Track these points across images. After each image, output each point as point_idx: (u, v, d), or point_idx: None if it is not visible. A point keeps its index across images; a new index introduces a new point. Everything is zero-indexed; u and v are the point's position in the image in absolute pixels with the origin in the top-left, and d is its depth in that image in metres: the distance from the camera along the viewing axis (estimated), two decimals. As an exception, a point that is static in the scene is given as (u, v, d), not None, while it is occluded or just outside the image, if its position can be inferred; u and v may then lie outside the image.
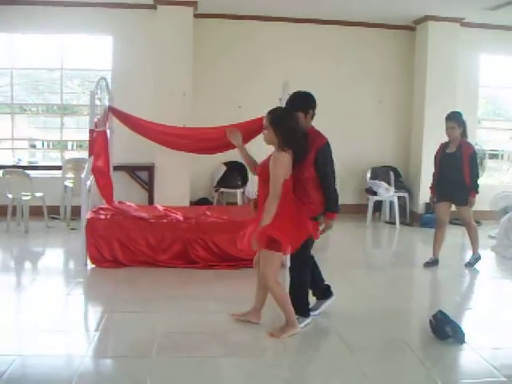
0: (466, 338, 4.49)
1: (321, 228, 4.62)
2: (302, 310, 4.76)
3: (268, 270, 4.41)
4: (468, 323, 5.11)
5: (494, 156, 11.21)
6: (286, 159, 4.33)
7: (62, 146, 10.24)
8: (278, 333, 4.52)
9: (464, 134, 6.71)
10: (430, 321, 4.66)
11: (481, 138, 10.77)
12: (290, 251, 4.53)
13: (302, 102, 4.67)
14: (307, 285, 4.82)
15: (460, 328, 4.56)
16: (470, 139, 6.94)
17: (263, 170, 4.44)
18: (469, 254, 7.20)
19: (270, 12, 9.71)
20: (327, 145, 4.62)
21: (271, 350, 4.35)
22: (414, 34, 10.26)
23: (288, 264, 5.16)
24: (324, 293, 5.09)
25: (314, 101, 4.73)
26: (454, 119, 6.65)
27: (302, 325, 4.68)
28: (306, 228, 4.44)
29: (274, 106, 7.09)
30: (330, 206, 4.59)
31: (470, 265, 6.97)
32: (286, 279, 5.07)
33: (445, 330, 4.53)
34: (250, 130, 7.08)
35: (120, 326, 4.71)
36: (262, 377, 3.94)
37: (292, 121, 4.42)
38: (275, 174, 4.27)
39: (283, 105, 6.94)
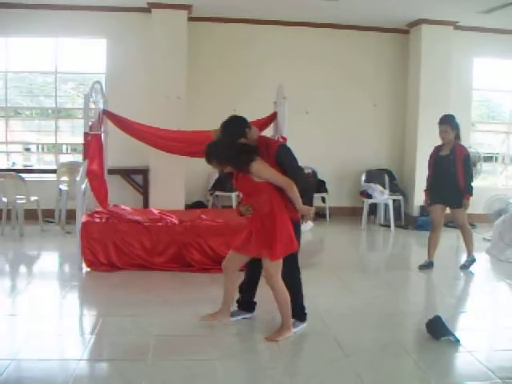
0: (462, 341, 4.49)
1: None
2: (299, 313, 4.75)
3: (275, 271, 4.44)
4: (463, 326, 5.14)
5: (488, 159, 11.23)
6: (261, 162, 4.38)
7: (56, 149, 10.22)
8: (273, 336, 4.51)
9: (457, 137, 6.73)
10: (427, 323, 4.67)
11: (475, 140, 10.81)
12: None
13: (237, 130, 4.62)
14: (301, 288, 4.79)
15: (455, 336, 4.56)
16: (463, 142, 6.97)
17: (242, 185, 4.53)
18: (463, 257, 7.21)
19: (265, 15, 9.75)
20: (282, 145, 4.65)
21: (266, 352, 4.34)
22: (407, 37, 10.30)
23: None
24: (249, 306, 5.03)
25: (245, 120, 4.69)
26: (447, 122, 6.67)
27: (298, 329, 4.68)
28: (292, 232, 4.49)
29: (269, 110, 7.24)
30: (305, 199, 4.50)
31: (465, 267, 6.99)
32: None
33: (441, 329, 4.56)
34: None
35: (115, 330, 4.68)
36: (258, 380, 3.96)
37: (226, 148, 4.46)
38: (270, 175, 4.36)
39: (278, 108, 7.01)
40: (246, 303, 5.02)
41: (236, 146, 4.45)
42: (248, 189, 4.50)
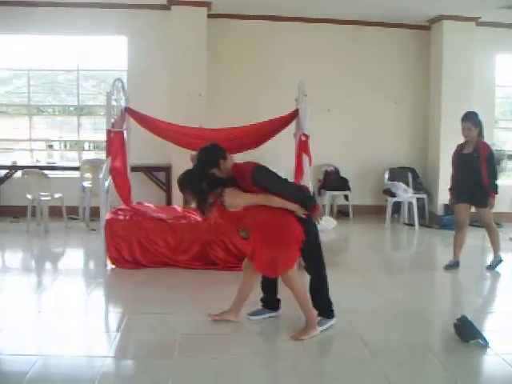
0: (490, 343, 4.42)
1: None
2: (325, 311, 4.72)
3: (292, 274, 4.45)
4: (491, 327, 5.05)
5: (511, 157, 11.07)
6: (231, 193, 4.39)
7: (79, 146, 10.28)
8: (298, 335, 4.49)
9: (480, 134, 6.63)
10: (455, 324, 4.60)
11: (498, 138, 10.66)
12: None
13: (210, 159, 4.60)
14: (327, 284, 4.75)
15: (484, 338, 4.48)
16: (487, 140, 6.87)
17: (221, 216, 4.56)
18: (490, 257, 7.11)
19: (285, 12, 9.70)
20: (255, 168, 4.51)
21: (292, 352, 4.31)
22: (429, 33, 10.20)
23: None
24: (273, 304, 5.01)
25: (219, 149, 4.65)
26: (470, 119, 6.57)
27: (326, 326, 4.65)
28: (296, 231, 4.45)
29: (289, 106, 7.20)
30: (306, 205, 4.47)
31: (492, 267, 6.88)
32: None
33: (470, 331, 4.48)
34: (270, 129, 7.13)
35: (141, 327, 4.69)
36: (283, 379, 3.93)
37: (198, 181, 4.47)
38: (245, 201, 4.39)
39: (299, 105, 6.96)
40: (270, 301, 4.99)
41: (207, 179, 4.45)
42: (228, 219, 4.55)
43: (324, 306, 4.71)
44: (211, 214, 4.67)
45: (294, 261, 4.47)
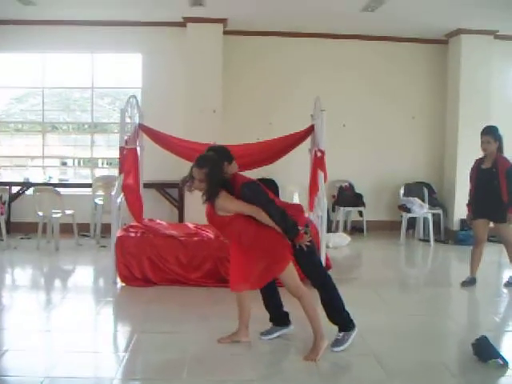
0: (510, 363, 4.28)
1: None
2: (344, 324, 4.61)
3: (293, 281, 4.38)
4: (509, 346, 4.91)
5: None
6: (225, 197, 4.35)
7: (92, 163, 10.28)
8: (312, 355, 4.37)
9: (500, 149, 6.53)
10: (473, 343, 4.47)
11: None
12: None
13: (226, 153, 4.57)
14: (338, 297, 4.62)
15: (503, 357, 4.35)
16: (506, 155, 6.75)
17: (211, 219, 4.50)
18: (507, 273, 6.98)
19: (300, 28, 9.69)
20: (245, 184, 4.42)
21: (305, 373, 4.16)
22: (446, 47, 10.12)
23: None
24: (282, 319, 4.91)
25: (226, 152, 4.58)
26: (490, 133, 6.47)
27: (350, 339, 4.56)
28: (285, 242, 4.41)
29: (304, 122, 7.14)
30: (287, 232, 4.36)
31: (510, 284, 6.74)
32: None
33: (488, 351, 4.36)
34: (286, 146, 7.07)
35: (150, 347, 4.60)
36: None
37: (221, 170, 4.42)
38: (235, 208, 4.35)
39: (315, 121, 6.91)
40: (278, 317, 4.90)
41: (221, 172, 4.39)
42: (214, 221, 4.48)
43: (343, 319, 4.60)
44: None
45: (288, 257, 4.37)
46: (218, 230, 4.62)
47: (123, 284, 6.41)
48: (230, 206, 4.34)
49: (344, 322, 4.61)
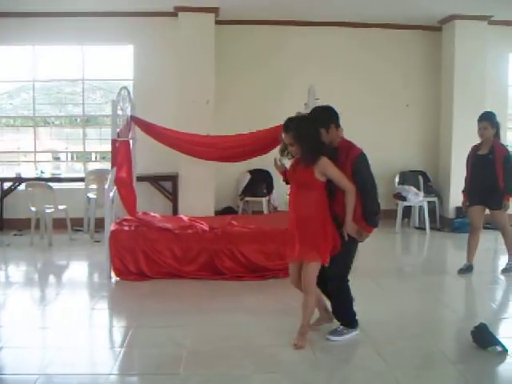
0: (509, 350, 4.26)
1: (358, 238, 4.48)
2: (349, 321, 4.63)
3: (313, 278, 4.37)
4: (508, 332, 4.88)
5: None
6: (327, 161, 4.30)
7: (84, 157, 10.19)
8: (299, 340, 4.41)
9: (497, 135, 6.49)
10: (472, 331, 4.45)
11: (510, 139, 10.47)
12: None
13: (322, 118, 4.46)
14: (349, 297, 4.63)
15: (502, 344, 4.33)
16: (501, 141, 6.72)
17: (299, 176, 4.39)
18: (504, 260, 6.93)
19: (293, 16, 9.60)
20: (362, 155, 4.45)
21: (304, 364, 4.14)
22: (439, 34, 10.05)
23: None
24: None
25: (335, 114, 4.53)
26: (488, 119, 6.42)
27: (350, 335, 4.58)
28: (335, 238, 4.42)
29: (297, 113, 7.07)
30: (367, 217, 4.39)
31: (507, 271, 6.72)
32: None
33: (488, 338, 4.35)
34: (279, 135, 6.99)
35: (146, 342, 4.56)
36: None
37: (309, 127, 4.36)
38: (336, 174, 4.29)
39: (309, 109, 6.83)
40: None
41: (317, 133, 4.34)
42: (304, 181, 4.36)
43: (346, 316, 4.64)
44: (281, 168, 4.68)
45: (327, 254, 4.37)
46: (298, 187, 4.43)
47: (118, 278, 6.35)
48: (331, 169, 4.29)
49: (348, 320, 4.63)
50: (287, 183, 4.68)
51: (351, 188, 4.29)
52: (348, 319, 4.63)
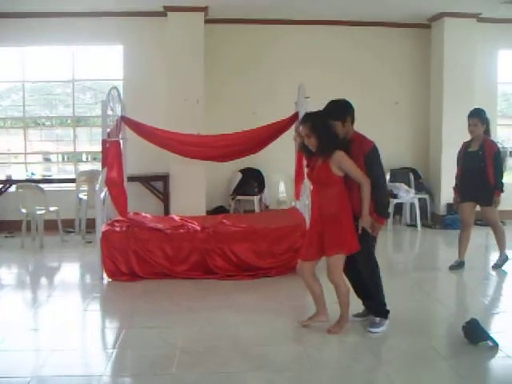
0: (500, 345, 4.29)
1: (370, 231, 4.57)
2: (383, 311, 4.74)
3: (339, 270, 4.51)
4: (499, 328, 4.89)
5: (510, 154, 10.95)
6: (343, 154, 4.42)
7: (75, 158, 10.16)
8: (335, 329, 4.58)
9: (487, 132, 6.52)
10: (463, 326, 4.47)
11: (500, 135, 10.52)
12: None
13: (339, 111, 4.58)
14: (381, 288, 4.74)
15: (493, 339, 4.36)
16: (491, 137, 6.74)
17: (318, 174, 4.50)
18: (495, 255, 6.97)
19: (282, 15, 9.59)
20: (374, 148, 4.58)
21: (296, 363, 4.14)
22: (429, 31, 10.06)
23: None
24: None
25: (351, 107, 4.67)
26: (477, 116, 6.45)
27: (384, 327, 4.68)
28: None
29: (290, 111, 7.08)
30: (379, 209, 4.50)
31: (497, 266, 6.76)
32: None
33: (479, 333, 4.37)
34: (270, 134, 7.03)
35: (138, 342, 4.54)
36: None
37: (324, 120, 4.50)
38: (352, 168, 4.40)
39: (299, 108, 6.85)
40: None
41: (332, 127, 4.46)
42: (323, 178, 4.48)
43: (381, 307, 4.74)
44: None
45: (354, 246, 4.49)
46: (318, 185, 4.57)
47: (110, 279, 6.34)
48: (347, 162, 4.39)
49: (381, 310, 4.74)
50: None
51: (366, 181, 4.40)
52: (383, 310, 4.73)
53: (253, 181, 9.66)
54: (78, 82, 9.90)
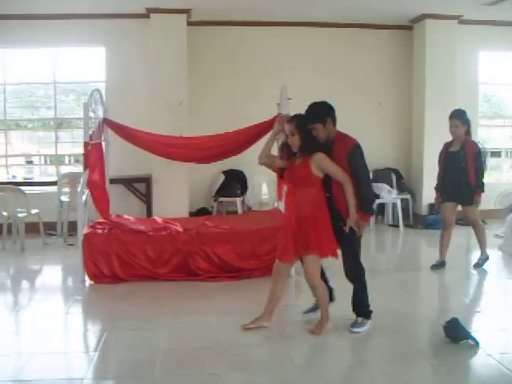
0: (480, 343, 4.33)
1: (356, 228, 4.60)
2: (364, 312, 4.77)
3: (317, 272, 4.58)
4: (480, 326, 4.95)
5: (493, 154, 11.05)
6: (324, 156, 4.48)
7: (57, 160, 10.09)
8: (317, 329, 4.62)
9: (468, 132, 6.57)
10: (444, 325, 4.51)
11: (481, 136, 10.60)
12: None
13: (319, 114, 4.61)
14: (366, 290, 4.80)
15: (474, 338, 4.40)
16: (472, 138, 6.80)
17: (297, 173, 4.54)
18: (476, 255, 7.04)
19: (265, 17, 9.59)
20: (357, 146, 4.61)
21: (278, 364, 4.16)
22: (411, 33, 10.12)
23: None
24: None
25: (332, 109, 4.70)
26: (458, 117, 6.51)
27: (366, 327, 4.71)
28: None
29: (273, 112, 7.09)
30: (363, 206, 4.52)
31: (479, 265, 6.82)
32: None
33: (459, 332, 4.41)
34: (253, 135, 7.02)
35: (120, 345, 4.53)
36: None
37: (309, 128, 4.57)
38: (332, 168, 4.46)
39: (282, 110, 6.85)
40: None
41: (311, 131, 4.52)
42: (302, 178, 4.51)
43: (362, 308, 4.78)
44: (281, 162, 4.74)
45: (332, 250, 4.57)
46: (296, 184, 4.58)
47: (92, 282, 6.29)
48: (328, 164, 4.45)
49: (364, 310, 4.78)
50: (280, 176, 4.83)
51: (348, 180, 4.44)
52: (366, 310, 4.77)
53: (235, 182, 9.66)
54: (59, 84, 9.82)
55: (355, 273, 4.73)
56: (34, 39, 9.30)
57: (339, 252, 4.64)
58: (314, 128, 4.52)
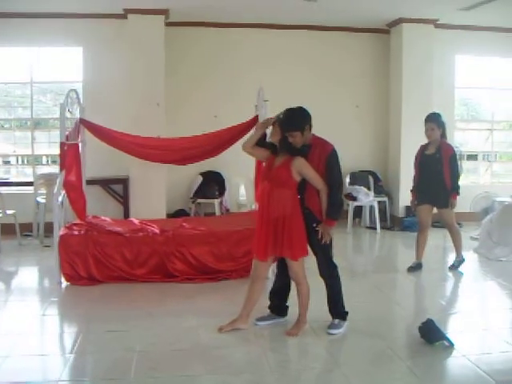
0: (455, 344, 4.37)
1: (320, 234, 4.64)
2: (341, 313, 4.82)
3: (301, 271, 4.69)
4: (455, 328, 5.01)
5: (469, 157, 11.18)
6: (304, 161, 4.57)
7: (33, 161, 9.99)
8: (294, 331, 4.66)
9: (443, 135, 6.64)
10: (419, 327, 4.56)
11: (457, 139, 10.70)
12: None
13: (297, 122, 4.62)
14: (340, 290, 4.85)
15: (449, 339, 4.44)
16: (448, 141, 6.87)
17: (277, 172, 4.59)
18: (452, 257, 7.11)
19: (243, 19, 9.61)
20: (334, 152, 4.66)
21: (254, 366, 4.16)
22: (388, 36, 10.21)
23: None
24: (281, 310, 5.05)
25: (308, 115, 4.71)
26: (434, 120, 6.58)
27: (343, 329, 4.75)
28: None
29: (251, 114, 7.09)
30: (330, 211, 4.59)
31: (454, 267, 6.89)
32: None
33: (435, 333, 4.45)
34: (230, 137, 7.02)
35: (96, 347, 4.49)
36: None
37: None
38: (312, 174, 4.55)
39: (259, 111, 6.86)
40: (278, 308, 5.04)
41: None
42: (281, 178, 4.56)
43: (339, 309, 4.84)
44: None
45: (304, 251, 4.67)
46: (274, 184, 4.59)
47: (68, 283, 6.24)
48: (308, 171, 4.53)
49: (340, 312, 4.82)
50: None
51: (325, 187, 4.54)
52: (342, 312, 4.82)
53: (213, 184, 9.65)
54: (36, 83, 9.73)
55: (329, 270, 4.78)
56: (10, 38, 9.17)
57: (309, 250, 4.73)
58: (291, 136, 4.55)
